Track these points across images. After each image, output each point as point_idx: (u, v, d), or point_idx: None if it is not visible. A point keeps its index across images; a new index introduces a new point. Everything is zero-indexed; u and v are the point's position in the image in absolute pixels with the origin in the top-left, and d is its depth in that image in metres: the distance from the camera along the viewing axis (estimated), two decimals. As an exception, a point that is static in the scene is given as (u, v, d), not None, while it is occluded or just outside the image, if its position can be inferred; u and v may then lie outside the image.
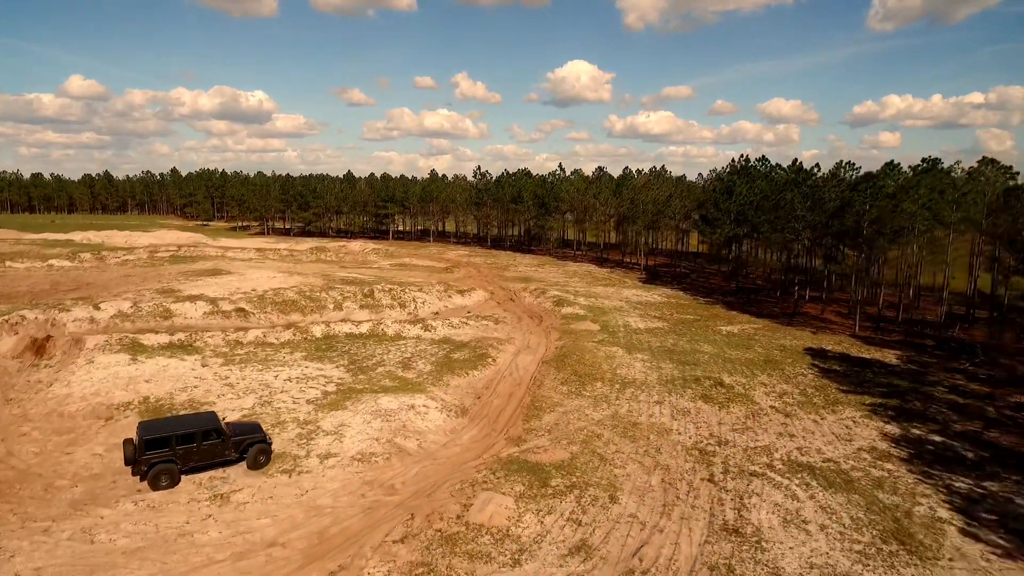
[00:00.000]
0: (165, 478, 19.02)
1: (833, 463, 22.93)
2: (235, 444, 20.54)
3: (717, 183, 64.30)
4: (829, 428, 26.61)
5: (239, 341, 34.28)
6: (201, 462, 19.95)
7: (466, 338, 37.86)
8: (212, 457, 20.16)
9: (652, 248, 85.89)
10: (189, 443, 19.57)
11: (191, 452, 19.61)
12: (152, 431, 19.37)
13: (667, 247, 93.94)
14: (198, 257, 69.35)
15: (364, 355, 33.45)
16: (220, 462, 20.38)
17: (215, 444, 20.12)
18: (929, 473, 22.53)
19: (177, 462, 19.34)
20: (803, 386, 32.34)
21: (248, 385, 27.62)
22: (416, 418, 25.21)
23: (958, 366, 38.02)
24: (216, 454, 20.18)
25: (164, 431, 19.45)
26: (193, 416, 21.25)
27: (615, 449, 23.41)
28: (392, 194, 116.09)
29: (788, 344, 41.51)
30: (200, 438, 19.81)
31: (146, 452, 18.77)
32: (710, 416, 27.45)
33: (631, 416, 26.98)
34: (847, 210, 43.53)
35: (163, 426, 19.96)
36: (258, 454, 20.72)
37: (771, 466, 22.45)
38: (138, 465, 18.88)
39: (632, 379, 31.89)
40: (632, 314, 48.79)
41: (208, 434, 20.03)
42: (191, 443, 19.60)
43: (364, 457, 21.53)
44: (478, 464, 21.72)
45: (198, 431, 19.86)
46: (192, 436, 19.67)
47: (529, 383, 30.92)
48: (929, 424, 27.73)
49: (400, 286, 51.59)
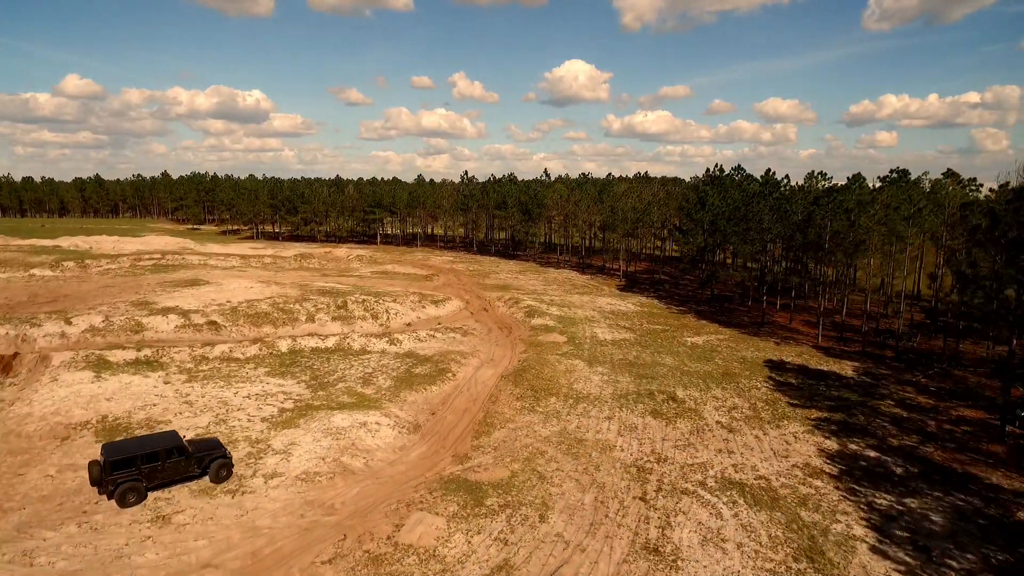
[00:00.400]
0: (132, 495, 19.98)
1: (764, 480, 23.79)
2: (197, 460, 21.46)
3: (692, 192, 65.11)
4: (769, 444, 27.48)
5: (205, 356, 35.01)
6: (166, 479, 20.97)
7: (430, 352, 38.65)
8: (176, 474, 21.12)
9: (634, 253, 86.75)
10: (154, 462, 20.55)
11: (156, 470, 20.62)
12: (117, 452, 20.26)
13: (649, 251, 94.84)
14: (179, 266, 69.99)
15: (327, 370, 34.22)
16: (184, 478, 21.33)
17: (179, 461, 21.05)
18: (855, 490, 23.41)
19: (143, 480, 20.29)
20: (754, 400, 33.22)
21: (207, 403, 28.38)
22: (366, 436, 26.00)
23: (911, 378, 38.97)
24: (180, 471, 21.14)
25: (129, 452, 20.36)
26: (155, 436, 22.10)
27: (556, 467, 24.23)
28: (380, 199, 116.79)
29: (750, 356, 42.40)
30: (164, 456, 20.76)
31: (112, 473, 19.69)
32: (656, 432, 28.29)
33: (579, 432, 27.81)
34: (809, 223, 44.44)
35: (128, 447, 20.84)
36: (219, 468, 21.66)
37: (703, 484, 23.30)
38: (105, 485, 19.81)
39: (587, 394, 32.72)
40: (602, 324, 49.64)
41: (171, 452, 20.97)
42: (156, 462, 20.58)
43: (308, 477, 22.31)
44: (419, 483, 22.53)
45: (162, 450, 20.80)
46: (156, 455, 20.65)
47: (485, 398, 31.72)
48: (868, 439, 28.64)
49: (375, 297, 52.34)
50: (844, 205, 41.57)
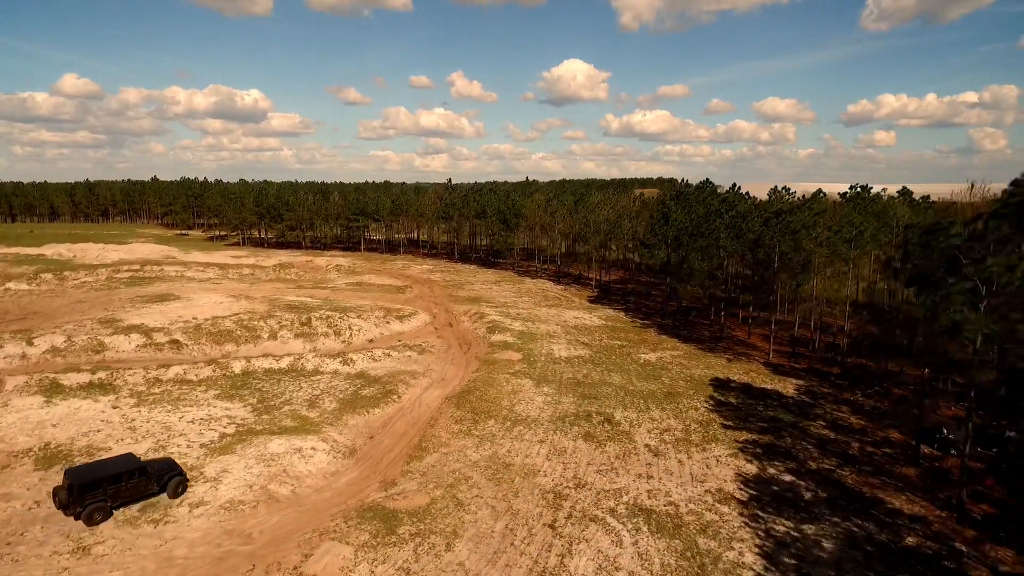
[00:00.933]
0: (99, 515, 21.92)
1: (674, 506, 24.87)
2: (156, 479, 23.48)
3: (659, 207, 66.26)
4: (691, 469, 28.56)
5: (159, 379, 36.06)
6: (129, 498, 22.93)
7: (382, 372, 39.71)
8: (138, 493, 23.13)
9: (612, 262, 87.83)
10: (118, 483, 22.50)
11: (120, 490, 22.58)
12: (83, 476, 22.04)
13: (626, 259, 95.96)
14: (155, 278, 70.99)
15: (275, 393, 35.28)
16: (145, 495, 23.29)
17: (140, 481, 23.08)
18: (759, 516, 24.50)
19: (108, 501, 22.22)
20: (689, 421, 34.31)
21: (150, 428, 29.42)
22: (299, 462, 27.06)
23: (850, 397, 40.08)
24: (141, 490, 23.17)
25: (95, 475, 22.19)
26: (116, 459, 23.94)
27: (476, 493, 25.30)
28: (363, 207, 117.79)
29: (698, 374, 43.48)
30: (127, 477, 22.71)
31: (81, 495, 21.53)
32: (584, 456, 29.36)
33: (508, 457, 28.88)
34: (759, 243, 45.54)
35: (93, 471, 22.64)
36: (176, 485, 23.81)
37: (614, 511, 24.38)
38: (73, 507, 21.58)
39: (526, 416, 33.79)
40: (561, 341, 50.71)
41: (133, 473, 22.90)
42: (120, 483, 22.54)
43: (232, 505, 23.38)
44: (340, 511, 23.59)
45: (125, 471, 22.73)
46: (120, 476, 22.59)
47: (426, 422, 32.79)
48: (788, 462, 29.74)
49: (340, 312, 53.38)
50: (791, 227, 42.67)
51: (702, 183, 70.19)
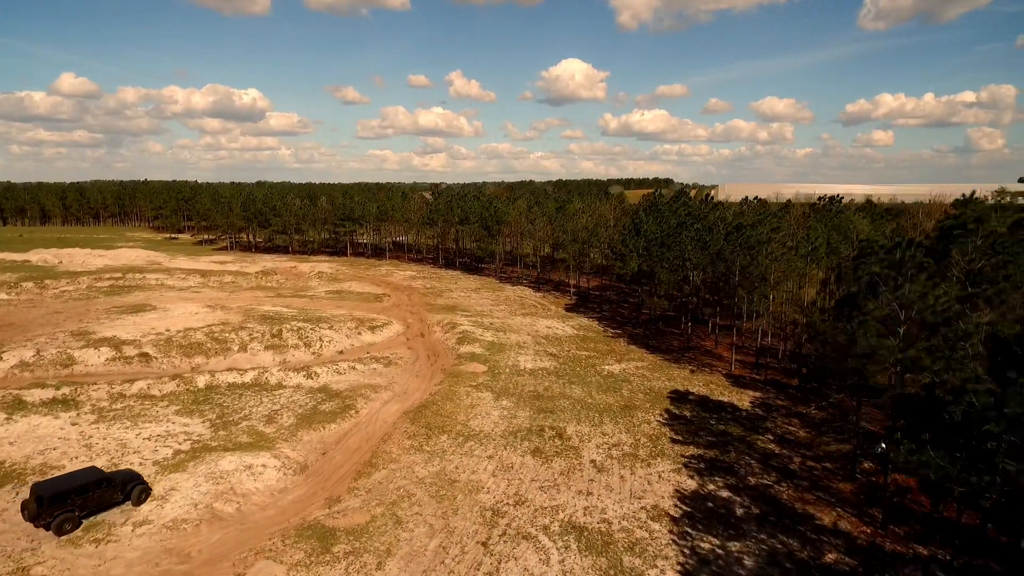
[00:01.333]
0: (68, 524, 23.31)
1: (607, 524, 25.68)
2: (121, 488, 24.95)
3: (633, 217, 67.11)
4: (631, 485, 29.38)
5: (122, 394, 36.79)
6: (96, 507, 24.30)
7: (344, 386, 40.48)
8: (104, 502, 24.54)
9: (592, 268, 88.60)
10: (85, 494, 23.86)
11: (87, 501, 23.97)
12: (52, 489, 23.36)
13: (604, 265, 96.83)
14: (135, 287, 71.66)
15: (235, 408, 36.02)
16: (110, 504, 24.72)
17: (105, 491, 24.50)
18: (688, 533, 25.33)
19: (77, 511, 23.59)
20: (639, 436, 35.13)
21: (106, 445, 30.16)
22: (248, 479, 27.82)
23: (803, 409, 40.94)
24: (107, 499, 24.61)
25: (63, 487, 23.50)
26: (82, 471, 25.29)
27: (417, 511, 26.08)
28: (350, 212, 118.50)
29: (658, 386, 44.31)
30: (94, 488, 24.11)
31: (50, 507, 22.90)
32: (529, 472, 30.16)
33: (455, 473, 29.67)
34: (720, 257, 46.40)
35: (60, 483, 23.90)
36: (140, 493, 25.42)
37: (547, 528, 25.18)
38: (43, 519, 22.92)
39: (479, 431, 34.59)
40: (529, 352, 51.50)
41: (99, 484, 24.33)
42: (87, 493, 23.91)
43: (175, 524, 24.14)
44: (280, 529, 24.37)
45: (91, 483, 24.13)
46: (87, 487, 23.97)
47: (379, 437, 33.56)
48: (728, 478, 30.57)
49: (312, 324, 54.13)
50: (749, 242, 43.51)
51: (678, 192, 70.98)
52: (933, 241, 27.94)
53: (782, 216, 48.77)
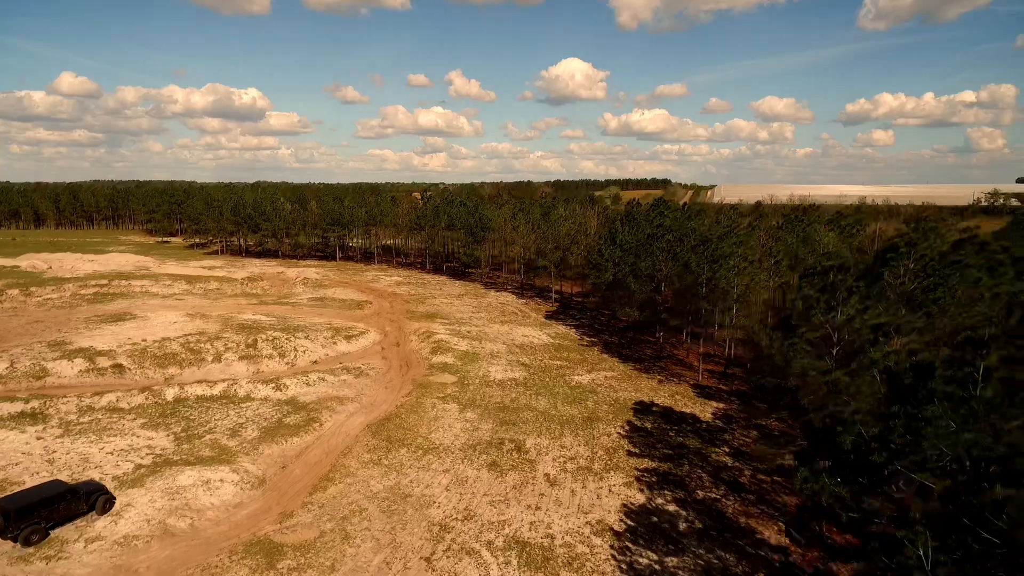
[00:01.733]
0: (35, 536, 24.26)
1: (550, 539, 26.36)
2: (85, 499, 25.93)
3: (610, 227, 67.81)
4: (581, 499, 30.06)
5: (91, 407, 37.47)
6: (62, 518, 25.27)
7: (311, 398, 41.16)
8: (70, 512, 25.50)
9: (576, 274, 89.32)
10: (51, 506, 24.78)
11: (53, 512, 24.89)
12: (18, 502, 24.26)
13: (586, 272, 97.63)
14: (119, 295, 72.31)
15: (201, 421, 36.70)
16: (76, 515, 25.68)
17: (71, 502, 25.44)
18: (628, 548, 26.03)
19: (43, 523, 24.54)
20: (597, 449, 35.81)
21: (68, 460, 30.84)
22: (204, 494, 28.51)
23: (763, 421, 41.63)
24: (72, 510, 25.55)
25: (29, 500, 24.41)
26: (46, 484, 26.07)
27: (366, 526, 26.77)
28: (339, 217, 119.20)
29: (624, 397, 44.99)
30: (59, 500, 25.02)
31: (17, 520, 23.78)
32: (482, 486, 30.84)
33: (409, 487, 30.35)
34: (688, 268, 47.11)
35: (27, 496, 24.78)
36: (104, 503, 26.42)
37: (491, 544, 25.86)
38: (10, 531, 23.79)
39: (439, 444, 35.27)
40: (501, 361, 52.17)
41: (64, 496, 25.25)
42: (52, 505, 24.83)
43: (127, 540, 24.81)
44: (230, 544, 25.05)
45: (56, 495, 25.04)
46: (53, 499, 24.88)
47: (341, 450, 34.24)
48: (678, 491, 31.26)
49: (288, 333, 54.80)
50: (714, 255, 44.22)
51: (656, 200, 71.69)
52: (869, 264, 28.58)
53: (751, 232, 49.32)
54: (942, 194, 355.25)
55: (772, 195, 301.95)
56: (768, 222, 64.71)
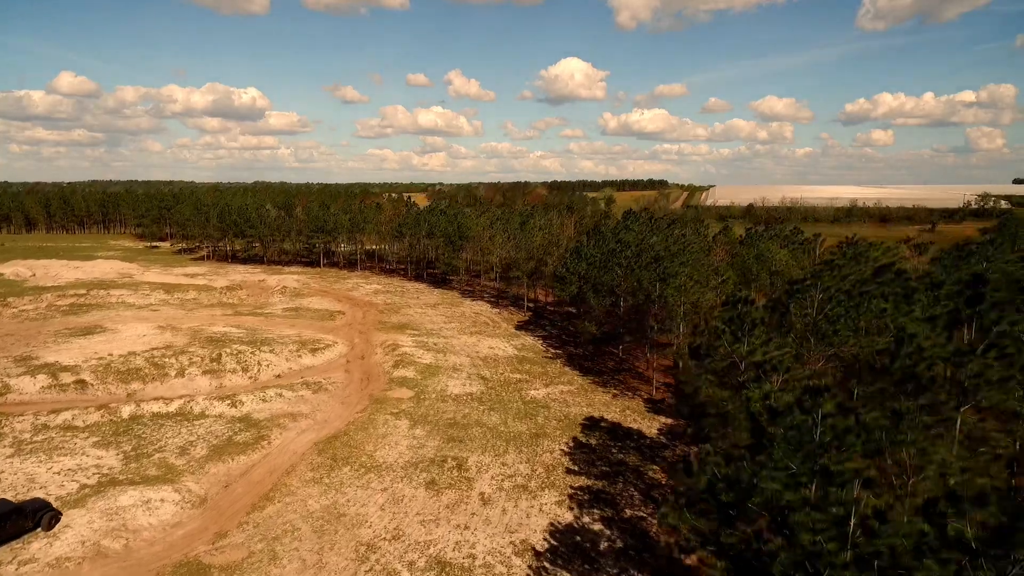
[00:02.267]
0: None
1: (471, 559, 27.36)
2: (31, 516, 27.07)
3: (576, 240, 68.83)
4: (510, 518, 31.06)
5: (46, 425, 38.47)
6: (9, 536, 26.40)
7: (265, 415, 42.15)
8: (17, 530, 26.63)
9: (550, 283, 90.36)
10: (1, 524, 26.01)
11: (2, 530, 26.09)
12: None
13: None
14: (94, 306, 73.26)
15: (152, 439, 37.70)
16: (23, 532, 26.82)
17: (17, 520, 26.56)
18: (545, 569, 27.03)
19: None
20: (537, 466, 36.81)
21: (13, 480, 31.83)
22: (143, 514, 29.51)
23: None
24: (19, 528, 26.68)
25: None
26: None
27: (296, 546, 27.76)
28: (323, 224, 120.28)
29: (575, 412, 45.98)
30: (5, 519, 26.18)
31: None
32: (417, 505, 31.83)
33: (345, 507, 31.34)
34: (640, 285, 48.15)
35: None
36: (50, 519, 27.67)
37: (413, 564, 26.86)
38: None
39: (381, 462, 36.27)
40: (462, 375, 53.16)
41: (11, 515, 26.38)
42: (1, 523, 26.04)
43: (59, 563, 25.81)
44: (160, 566, 26.05)
45: (2, 513, 26.22)
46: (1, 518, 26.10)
47: (284, 469, 35.24)
48: (607, 510, 32.26)
49: (254, 346, 55.79)
50: (663, 274, 45.25)
51: (626, 212, 72.67)
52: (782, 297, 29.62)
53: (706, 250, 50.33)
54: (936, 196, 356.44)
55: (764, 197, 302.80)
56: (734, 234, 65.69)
